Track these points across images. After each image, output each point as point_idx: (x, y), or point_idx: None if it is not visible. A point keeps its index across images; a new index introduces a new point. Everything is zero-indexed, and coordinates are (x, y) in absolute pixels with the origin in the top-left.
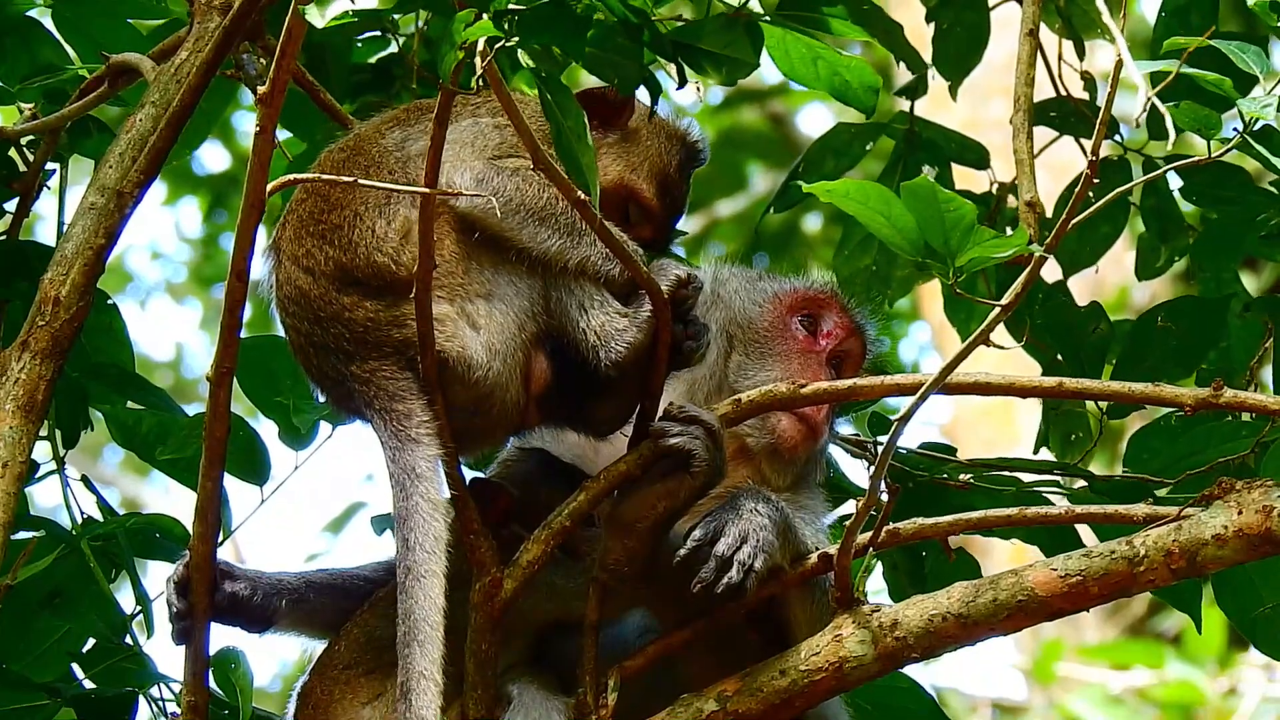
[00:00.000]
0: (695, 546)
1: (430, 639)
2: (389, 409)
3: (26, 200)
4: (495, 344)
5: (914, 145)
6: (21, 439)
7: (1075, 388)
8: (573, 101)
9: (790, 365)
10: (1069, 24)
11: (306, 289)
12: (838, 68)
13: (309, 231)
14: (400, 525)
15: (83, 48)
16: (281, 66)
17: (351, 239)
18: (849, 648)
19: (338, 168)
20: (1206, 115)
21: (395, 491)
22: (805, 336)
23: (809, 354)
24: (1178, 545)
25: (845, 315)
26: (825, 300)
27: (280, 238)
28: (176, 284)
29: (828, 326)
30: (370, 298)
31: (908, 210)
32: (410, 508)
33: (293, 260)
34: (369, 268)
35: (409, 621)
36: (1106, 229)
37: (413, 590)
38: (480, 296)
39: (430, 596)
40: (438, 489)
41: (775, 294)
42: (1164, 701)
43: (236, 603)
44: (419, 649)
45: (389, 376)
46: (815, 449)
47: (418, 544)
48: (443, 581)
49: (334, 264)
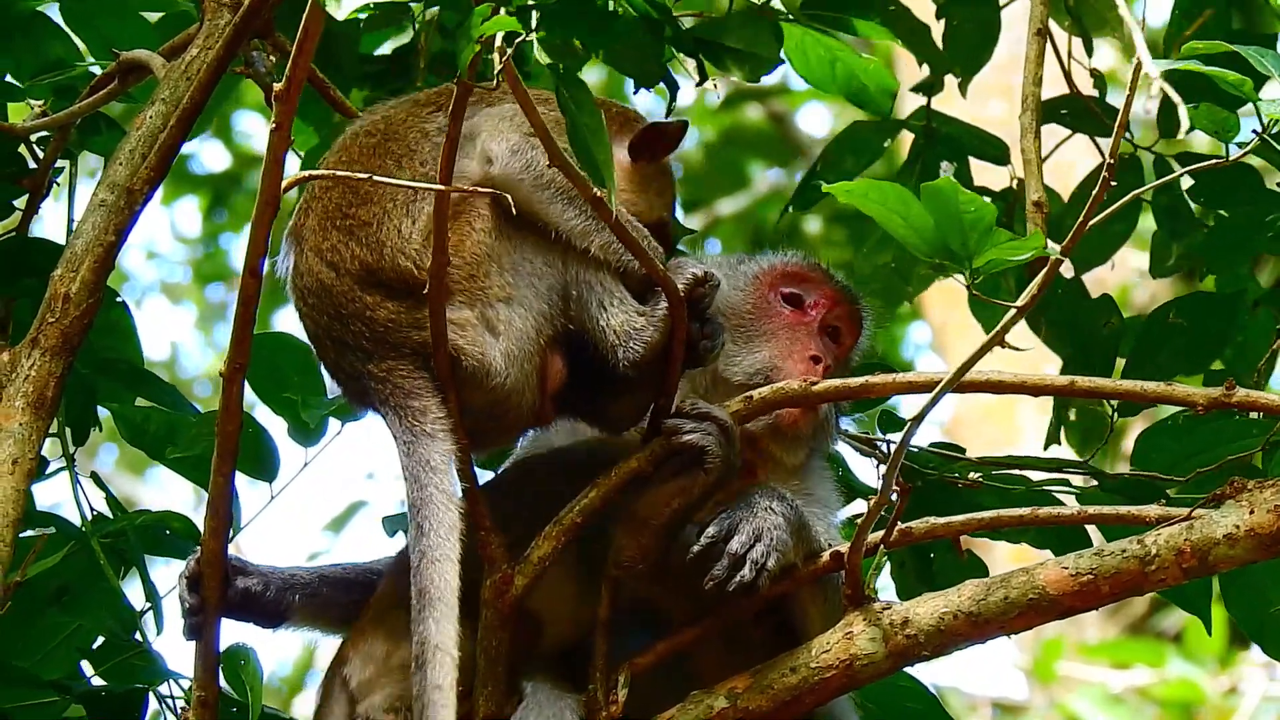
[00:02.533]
0: (709, 543)
1: (445, 614)
2: (404, 405)
3: (36, 197)
4: (514, 350)
5: (933, 141)
6: (31, 435)
7: (1088, 386)
8: (589, 97)
9: (779, 343)
10: (1079, 21)
11: (330, 284)
12: (855, 70)
13: (335, 225)
14: (414, 514)
15: (92, 42)
16: (298, 64)
17: (379, 238)
18: (860, 645)
19: (367, 154)
20: (1225, 117)
21: (409, 484)
22: (791, 312)
23: (797, 328)
24: (1189, 544)
25: (828, 283)
26: (805, 272)
27: (302, 225)
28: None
29: (812, 298)
30: (392, 299)
31: (926, 211)
32: (424, 498)
33: (316, 253)
34: (394, 270)
35: (423, 599)
36: (1119, 228)
37: (427, 571)
38: (501, 301)
39: (445, 577)
40: (451, 482)
41: (755, 275)
42: (1165, 700)
43: (249, 598)
44: (434, 624)
45: (406, 375)
46: (817, 421)
47: (431, 530)
48: (456, 566)
49: (360, 264)
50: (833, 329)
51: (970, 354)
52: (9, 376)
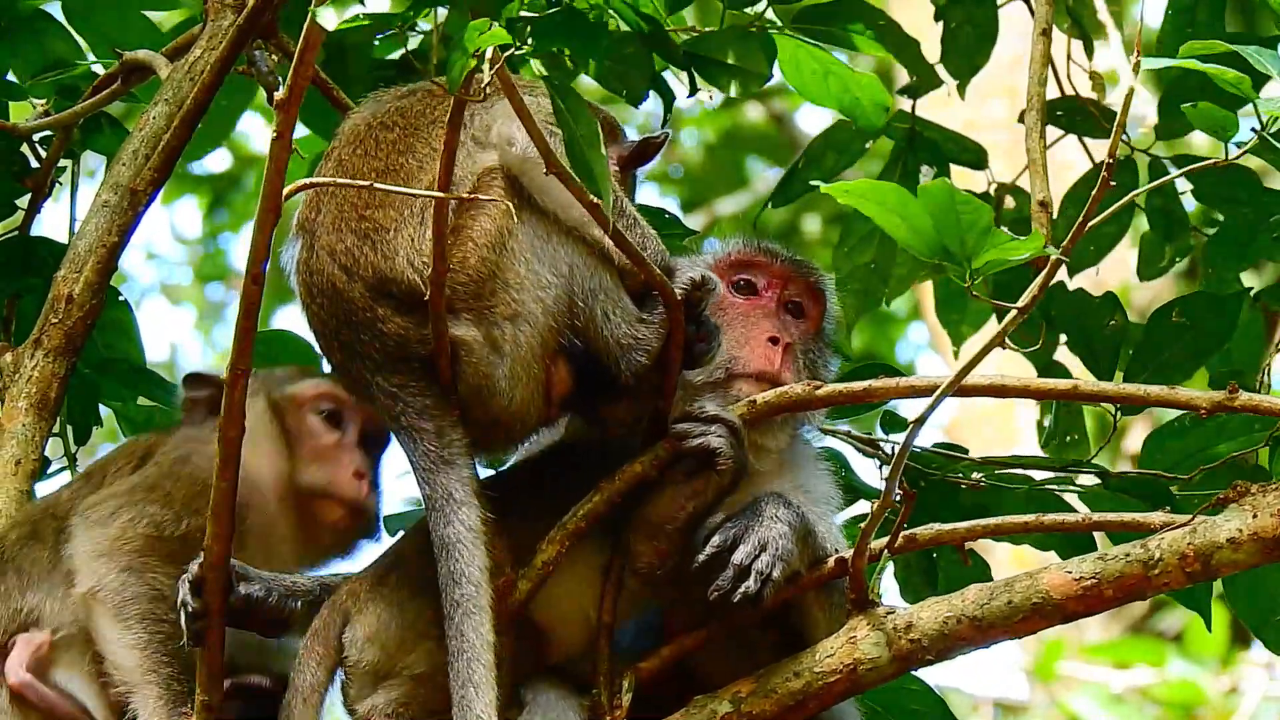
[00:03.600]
0: (714, 553)
1: (485, 680)
2: (417, 426)
3: (38, 196)
4: (519, 371)
5: (914, 144)
6: (34, 436)
7: (1091, 390)
8: (585, 108)
9: (734, 332)
10: (1078, 24)
11: (342, 288)
12: (849, 84)
13: (351, 228)
14: (443, 555)
15: (94, 41)
16: (299, 73)
17: (394, 244)
18: (864, 649)
19: (386, 149)
20: (1224, 117)
21: (433, 515)
22: (746, 300)
23: (753, 313)
24: (1192, 548)
25: (776, 262)
26: (752, 257)
27: (314, 219)
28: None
29: (763, 281)
30: (401, 313)
31: (924, 212)
32: (453, 536)
33: (329, 253)
34: (404, 282)
35: (462, 660)
36: (1112, 229)
37: (464, 628)
38: (506, 318)
39: (481, 634)
40: (477, 515)
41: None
42: (1166, 700)
43: (252, 605)
44: (475, 692)
45: (416, 393)
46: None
47: (464, 577)
48: (492, 616)
49: (373, 270)
50: (793, 305)
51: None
52: (12, 377)
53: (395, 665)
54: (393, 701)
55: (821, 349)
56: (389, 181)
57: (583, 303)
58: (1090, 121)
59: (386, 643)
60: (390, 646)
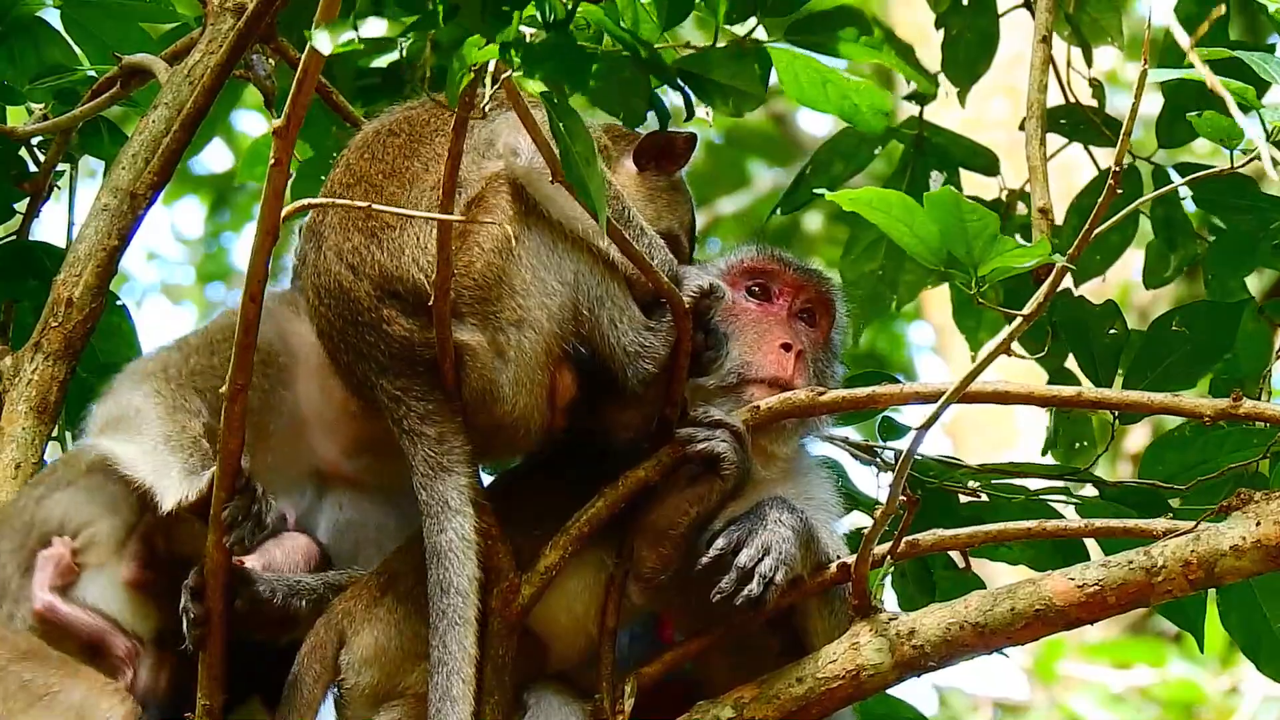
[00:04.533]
0: (717, 556)
1: (462, 695)
2: (419, 431)
3: (37, 200)
4: (523, 377)
5: (923, 150)
6: (34, 439)
7: (1094, 397)
8: (582, 126)
9: (747, 338)
10: (1078, 31)
11: (349, 288)
12: (847, 91)
13: (358, 228)
14: (434, 563)
15: (90, 48)
16: (297, 102)
17: (400, 243)
18: (866, 656)
19: (393, 153)
20: (1229, 125)
21: (427, 522)
22: (758, 306)
23: (765, 320)
24: (1195, 556)
25: (789, 270)
26: (764, 265)
27: (322, 223)
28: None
29: (776, 287)
30: (407, 315)
31: (930, 219)
32: (444, 545)
33: (337, 253)
34: (409, 281)
35: (441, 673)
36: (1117, 238)
37: (447, 639)
38: (512, 324)
39: (464, 647)
40: (471, 524)
41: (717, 275)
42: (1166, 700)
43: (257, 605)
44: (450, 706)
45: (419, 397)
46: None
47: (452, 587)
48: (475, 628)
49: (379, 268)
50: (805, 313)
51: (961, 360)
52: (12, 380)
53: (396, 686)
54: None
55: (829, 357)
56: (394, 183)
57: (589, 310)
58: (1091, 129)
59: (385, 664)
60: (390, 668)
